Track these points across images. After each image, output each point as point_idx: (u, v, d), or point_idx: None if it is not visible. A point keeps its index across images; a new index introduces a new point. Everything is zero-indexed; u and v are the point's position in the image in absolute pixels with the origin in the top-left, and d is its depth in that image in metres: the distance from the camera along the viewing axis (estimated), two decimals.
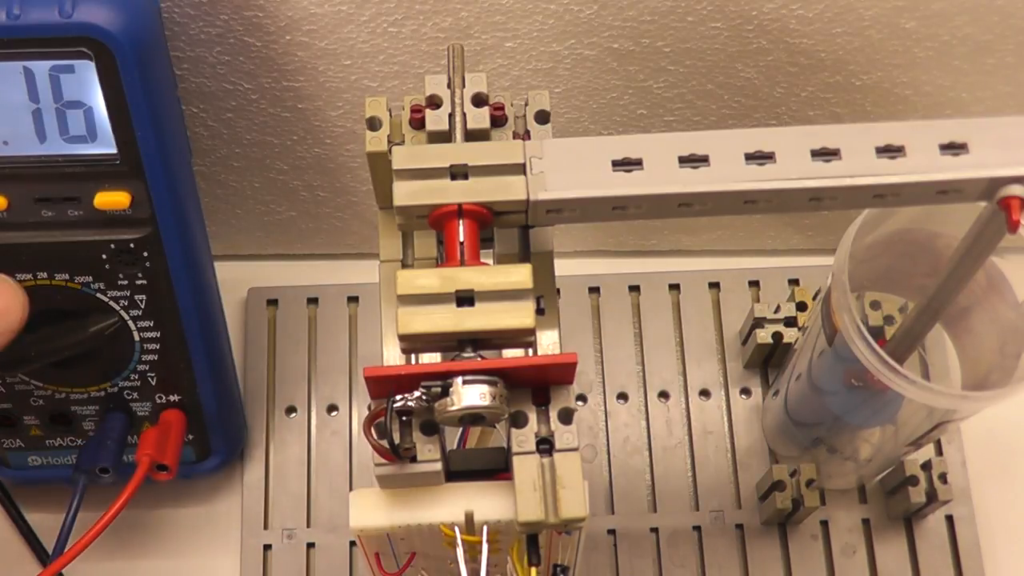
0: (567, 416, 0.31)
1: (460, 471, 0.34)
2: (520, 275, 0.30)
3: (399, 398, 0.30)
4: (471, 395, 0.30)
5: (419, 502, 0.33)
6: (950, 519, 0.51)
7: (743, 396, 0.54)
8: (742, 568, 0.51)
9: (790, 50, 0.46)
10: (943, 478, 0.49)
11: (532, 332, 0.30)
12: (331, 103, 0.48)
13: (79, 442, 0.49)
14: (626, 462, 0.53)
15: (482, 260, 0.31)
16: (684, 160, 0.32)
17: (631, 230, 0.57)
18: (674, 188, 0.32)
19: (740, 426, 0.53)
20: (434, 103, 0.34)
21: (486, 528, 0.32)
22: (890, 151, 0.32)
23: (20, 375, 0.46)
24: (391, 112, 0.35)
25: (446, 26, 0.45)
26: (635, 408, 0.54)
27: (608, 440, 0.53)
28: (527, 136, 0.34)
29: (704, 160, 0.32)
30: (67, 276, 0.43)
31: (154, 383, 0.47)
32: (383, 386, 0.31)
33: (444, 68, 0.35)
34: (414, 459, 0.31)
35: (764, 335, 0.51)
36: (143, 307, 0.45)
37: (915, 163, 0.32)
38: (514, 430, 0.31)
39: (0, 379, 0.46)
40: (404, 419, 0.31)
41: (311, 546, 0.51)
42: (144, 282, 0.44)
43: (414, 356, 0.33)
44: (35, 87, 0.39)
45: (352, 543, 0.51)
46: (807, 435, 0.50)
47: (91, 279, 0.44)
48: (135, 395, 0.47)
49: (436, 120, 0.34)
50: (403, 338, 0.30)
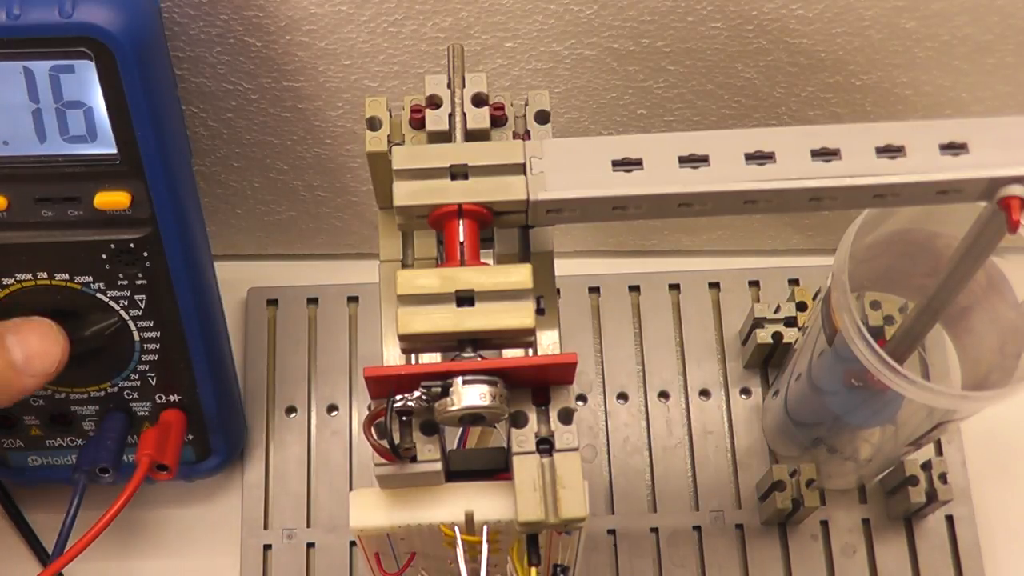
0: (567, 416, 0.31)
1: (460, 471, 0.34)
2: (520, 275, 0.30)
3: (399, 398, 0.30)
4: (471, 395, 0.30)
5: (419, 502, 0.33)
6: (950, 519, 0.51)
7: (743, 396, 0.54)
8: (742, 568, 0.51)
9: (790, 50, 0.46)
10: (943, 478, 0.48)
11: (532, 332, 0.30)
12: (331, 103, 0.48)
13: (79, 442, 0.49)
14: (626, 462, 0.53)
15: (482, 260, 0.31)
16: (684, 160, 0.32)
17: (631, 230, 0.57)
18: (674, 188, 0.32)
19: (740, 426, 0.53)
20: (434, 103, 0.34)
21: (486, 528, 0.32)
22: (890, 151, 0.32)
23: None
24: (391, 112, 0.35)
25: (446, 26, 0.45)
26: (635, 408, 0.54)
27: (608, 440, 0.53)
28: (527, 136, 0.34)
29: (704, 160, 0.32)
30: (67, 276, 0.43)
31: (154, 383, 0.47)
32: (383, 386, 0.31)
33: (444, 68, 0.35)
34: (414, 459, 0.31)
35: (764, 335, 0.51)
36: (143, 307, 0.45)
37: (915, 163, 0.32)
38: (514, 430, 0.31)
39: None
40: (404, 419, 0.31)
41: (311, 546, 0.51)
42: (144, 282, 0.44)
43: (414, 356, 0.33)
44: (35, 87, 0.39)
45: (352, 543, 0.51)
46: (807, 435, 0.50)
47: (91, 279, 0.43)
48: (135, 395, 0.47)
49: (436, 120, 0.34)
50: (403, 338, 0.30)
